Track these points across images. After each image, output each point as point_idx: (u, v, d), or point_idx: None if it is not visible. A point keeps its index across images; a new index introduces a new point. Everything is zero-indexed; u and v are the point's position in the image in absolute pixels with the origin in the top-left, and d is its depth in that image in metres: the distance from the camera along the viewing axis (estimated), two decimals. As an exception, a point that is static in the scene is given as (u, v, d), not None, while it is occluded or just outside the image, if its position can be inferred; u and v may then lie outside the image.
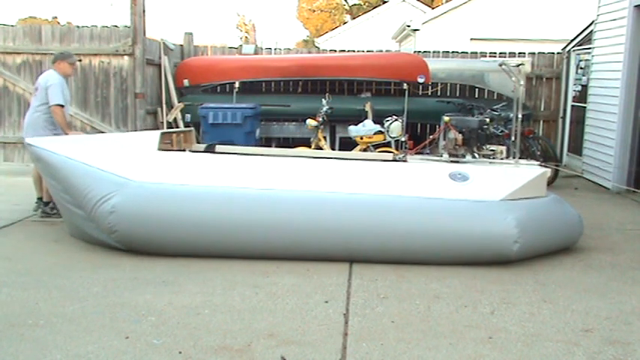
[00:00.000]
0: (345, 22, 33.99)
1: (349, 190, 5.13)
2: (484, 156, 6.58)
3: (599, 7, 9.22)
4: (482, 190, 5.13)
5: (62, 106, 6.02)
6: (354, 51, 11.55)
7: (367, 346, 3.52)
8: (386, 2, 27.73)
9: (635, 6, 8.10)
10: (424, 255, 4.96)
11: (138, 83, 9.05)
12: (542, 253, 5.22)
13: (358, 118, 9.07)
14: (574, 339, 3.67)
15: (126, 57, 9.15)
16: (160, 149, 5.55)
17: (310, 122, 8.79)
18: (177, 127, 9.26)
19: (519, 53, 10.95)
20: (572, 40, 10.75)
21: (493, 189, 5.15)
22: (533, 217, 5.11)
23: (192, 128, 6.97)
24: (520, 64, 6.72)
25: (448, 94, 10.73)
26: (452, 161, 6.01)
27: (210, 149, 6.59)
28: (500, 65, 6.95)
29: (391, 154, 6.78)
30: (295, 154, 6.52)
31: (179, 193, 5.05)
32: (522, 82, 6.70)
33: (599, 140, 9.01)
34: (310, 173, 5.31)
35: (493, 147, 6.78)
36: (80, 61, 6.42)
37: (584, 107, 9.69)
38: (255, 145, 8.65)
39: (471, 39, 15.98)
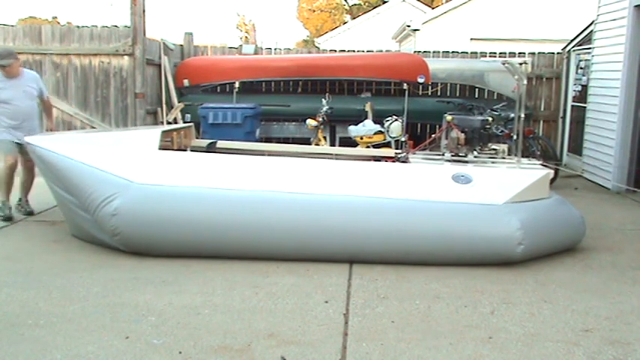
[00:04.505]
0: (345, 22, 33.99)
1: (352, 192, 5.11)
2: (486, 155, 6.57)
3: (599, 7, 9.21)
4: (486, 193, 5.11)
5: None
6: (354, 51, 11.55)
7: (367, 346, 3.52)
8: (386, 2, 27.73)
9: (635, 6, 8.10)
10: (428, 258, 4.96)
11: (138, 83, 9.05)
12: (546, 254, 5.22)
13: (358, 118, 9.06)
14: (574, 339, 3.67)
15: (126, 57, 9.15)
16: (160, 148, 5.54)
17: (310, 122, 8.80)
18: (177, 127, 9.26)
19: (519, 53, 10.95)
20: (572, 40, 10.75)
21: (496, 192, 5.14)
22: (537, 219, 5.10)
23: (191, 124, 6.97)
24: (523, 62, 6.73)
25: (448, 94, 10.73)
26: (454, 160, 6.00)
27: (211, 147, 6.59)
28: (504, 64, 6.95)
29: (393, 150, 6.79)
30: (297, 151, 6.52)
31: (181, 195, 5.03)
32: (525, 81, 6.70)
33: (599, 140, 9.01)
34: (312, 175, 5.30)
35: (495, 146, 6.78)
36: (4, 66, 6.22)
37: (584, 107, 9.68)
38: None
39: (471, 39, 15.99)
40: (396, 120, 8.42)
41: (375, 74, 10.09)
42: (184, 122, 9.53)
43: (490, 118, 7.27)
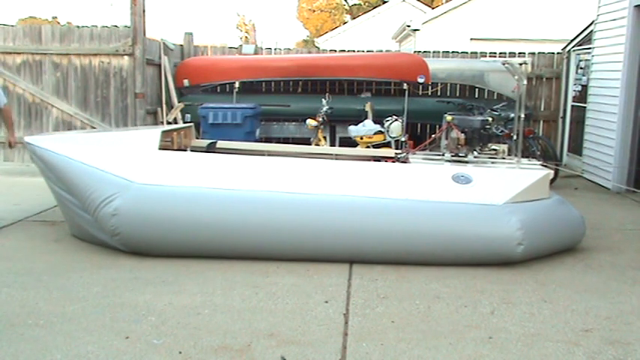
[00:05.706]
0: (345, 22, 33.98)
1: (352, 192, 5.11)
2: (486, 155, 6.57)
3: (599, 7, 9.21)
4: (486, 193, 5.12)
5: None
6: (354, 51, 11.55)
7: (367, 346, 3.52)
8: (386, 2, 27.73)
9: (635, 6, 8.10)
10: (428, 258, 4.96)
11: (138, 83, 9.05)
12: (546, 254, 5.23)
13: (358, 118, 9.07)
14: (574, 339, 3.67)
15: (126, 57, 9.15)
16: (160, 148, 5.54)
17: (310, 122, 8.80)
18: (177, 127, 9.25)
19: (519, 53, 10.96)
20: (572, 40, 10.75)
21: (496, 192, 5.14)
22: (537, 219, 5.11)
23: (191, 124, 6.97)
24: (523, 62, 6.73)
25: (448, 94, 10.73)
26: (454, 160, 6.01)
27: (211, 147, 6.59)
28: (504, 64, 6.95)
29: (393, 150, 6.79)
30: (297, 151, 6.52)
31: (181, 195, 5.03)
32: (525, 81, 6.70)
33: (599, 140, 9.01)
34: (312, 175, 5.30)
35: (495, 146, 6.78)
36: None
37: (584, 107, 9.69)
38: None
39: (471, 39, 15.99)
40: (396, 120, 8.42)
41: (375, 74, 10.09)
42: (184, 122, 9.54)
43: (490, 118, 7.28)
